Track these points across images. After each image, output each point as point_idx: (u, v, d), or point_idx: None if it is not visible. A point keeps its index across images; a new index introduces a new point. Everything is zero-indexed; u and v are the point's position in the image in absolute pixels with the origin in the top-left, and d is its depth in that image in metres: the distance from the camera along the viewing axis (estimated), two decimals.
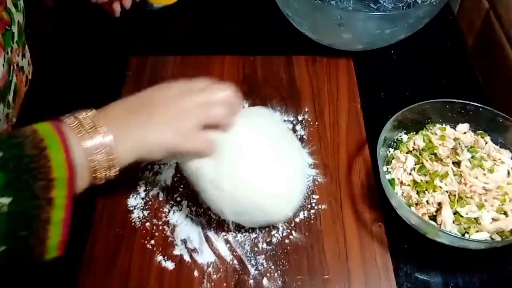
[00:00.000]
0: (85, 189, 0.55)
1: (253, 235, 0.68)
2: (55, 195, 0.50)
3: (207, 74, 0.85)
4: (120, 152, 0.55)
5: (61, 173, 0.51)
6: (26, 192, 0.49)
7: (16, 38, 0.69)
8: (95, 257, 0.66)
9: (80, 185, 0.54)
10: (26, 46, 0.75)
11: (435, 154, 0.71)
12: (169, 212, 0.70)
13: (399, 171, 0.70)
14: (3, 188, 0.48)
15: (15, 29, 0.69)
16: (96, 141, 0.54)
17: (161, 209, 0.70)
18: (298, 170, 0.67)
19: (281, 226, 0.69)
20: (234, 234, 0.68)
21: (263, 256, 0.66)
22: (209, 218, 0.69)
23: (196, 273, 0.64)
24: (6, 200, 0.48)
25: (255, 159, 0.63)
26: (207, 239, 0.68)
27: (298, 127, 0.80)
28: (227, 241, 0.67)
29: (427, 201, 0.67)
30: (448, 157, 0.70)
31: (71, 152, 0.51)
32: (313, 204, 0.71)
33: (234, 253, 0.66)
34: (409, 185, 0.69)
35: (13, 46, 0.68)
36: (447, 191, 0.67)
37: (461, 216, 0.65)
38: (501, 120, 0.73)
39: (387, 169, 0.72)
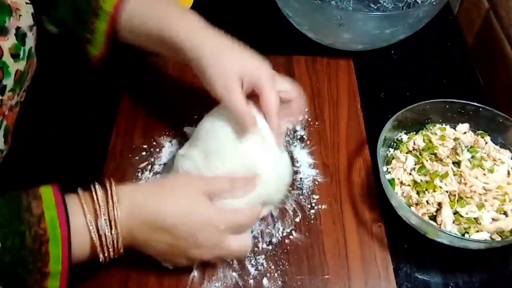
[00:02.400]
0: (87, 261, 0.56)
1: (253, 235, 0.68)
2: (48, 285, 0.51)
3: None
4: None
5: (56, 268, 0.51)
6: (18, 282, 0.50)
7: (10, 87, 0.62)
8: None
9: (80, 257, 0.54)
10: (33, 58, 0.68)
11: (435, 154, 0.71)
12: None
13: (399, 171, 0.70)
14: None
15: (8, 81, 0.61)
16: (108, 239, 0.54)
17: None
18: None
19: (281, 226, 0.69)
20: None
21: (263, 256, 0.66)
22: None
23: (196, 273, 0.64)
24: None
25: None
26: None
27: (298, 127, 0.80)
28: None
29: (427, 201, 0.67)
30: (448, 157, 0.70)
31: (70, 246, 0.52)
32: (313, 204, 0.71)
33: None
34: (409, 185, 0.69)
35: (2, 98, 0.61)
36: (447, 191, 0.67)
37: (461, 216, 0.65)
38: (501, 120, 0.73)
39: (387, 169, 0.72)
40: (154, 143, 0.78)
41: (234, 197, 0.63)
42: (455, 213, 0.65)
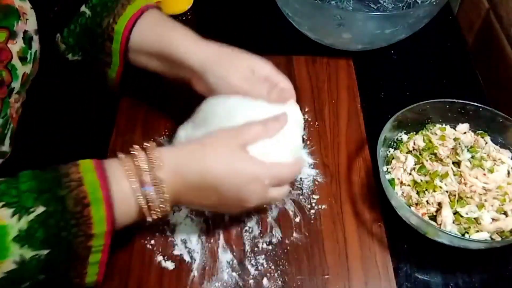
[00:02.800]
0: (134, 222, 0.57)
1: (253, 235, 0.68)
2: (92, 245, 0.53)
3: None
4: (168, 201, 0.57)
5: (101, 229, 0.53)
6: (64, 246, 0.51)
7: (17, 90, 0.63)
8: None
9: (126, 220, 0.56)
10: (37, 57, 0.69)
11: (435, 154, 0.71)
12: None
13: (399, 171, 0.70)
14: (40, 243, 0.50)
15: (16, 84, 0.62)
16: (153, 201, 0.56)
17: None
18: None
19: (281, 226, 0.69)
20: (234, 234, 0.68)
21: (263, 256, 0.66)
22: (209, 218, 0.69)
23: (196, 273, 0.64)
24: (43, 252, 0.50)
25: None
26: (207, 239, 0.68)
27: None
28: (227, 241, 0.67)
29: (427, 201, 0.67)
30: (448, 157, 0.70)
31: (113, 207, 0.53)
32: (313, 204, 0.71)
33: (234, 253, 0.66)
34: (409, 185, 0.69)
35: (10, 100, 0.62)
36: (447, 191, 0.67)
37: (461, 216, 0.65)
38: (501, 120, 0.73)
39: (387, 169, 0.72)
40: (154, 143, 0.77)
41: (270, 138, 0.63)
42: (455, 213, 0.65)
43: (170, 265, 0.65)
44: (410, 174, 0.70)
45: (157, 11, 0.74)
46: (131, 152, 0.57)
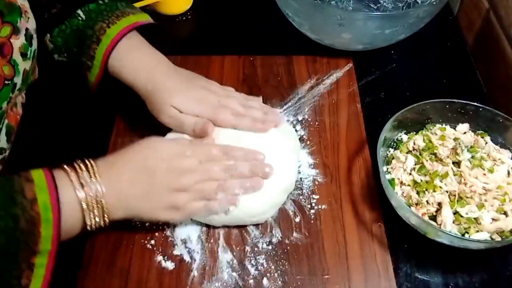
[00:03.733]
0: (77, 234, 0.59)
1: (253, 235, 0.68)
2: (36, 262, 0.54)
3: (207, 74, 0.86)
4: (111, 211, 0.60)
5: (46, 247, 0.54)
6: (9, 258, 0.52)
7: (18, 86, 0.65)
8: (95, 257, 0.66)
9: (71, 231, 0.58)
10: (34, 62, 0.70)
11: (435, 154, 0.71)
12: None
13: (399, 171, 0.70)
14: None
15: (18, 79, 0.64)
16: (91, 193, 0.58)
17: None
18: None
19: (281, 226, 0.69)
20: (234, 234, 0.68)
21: (263, 256, 0.66)
22: None
23: (196, 273, 0.64)
24: None
25: None
26: (207, 239, 0.68)
27: (298, 127, 0.80)
28: (227, 241, 0.67)
29: (427, 201, 0.67)
30: (448, 157, 0.70)
31: (61, 225, 0.54)
32: (313, 204, 0.71)
33: (234, 253, 0.66)
34: (409, 185, 0.69)
35: (11, 96, 0.64)
36: (447, 191, 0.67)
37: (461, 216, 0.65)
38: (501, 120, 0.73)
39: (387, 169, 0.72)
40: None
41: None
42: (455, 213, 0.65)
43: (170, 265, 0.65)
44: (410, 174, 0.70)
45: (136, 36, 0.74)
46: (74, 164, 0.60)
